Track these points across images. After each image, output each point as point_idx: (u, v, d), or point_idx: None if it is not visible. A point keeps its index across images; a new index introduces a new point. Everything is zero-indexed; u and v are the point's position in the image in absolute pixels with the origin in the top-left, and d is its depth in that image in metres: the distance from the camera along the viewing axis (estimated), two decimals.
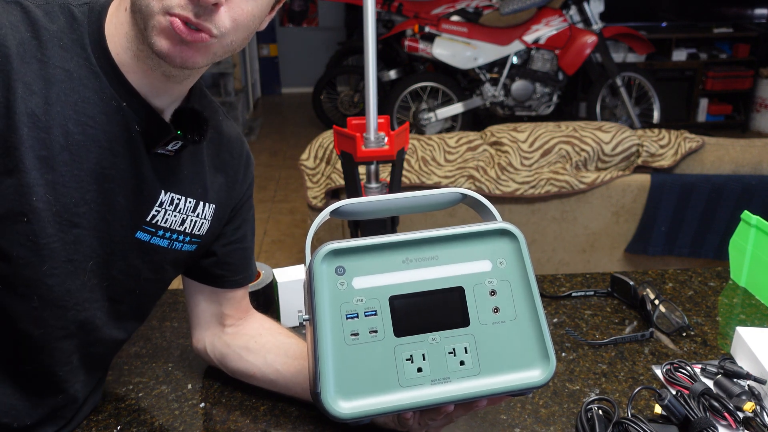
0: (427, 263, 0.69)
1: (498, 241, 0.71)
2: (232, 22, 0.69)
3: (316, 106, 5.52)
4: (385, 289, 0.68)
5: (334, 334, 0.66)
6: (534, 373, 0.67)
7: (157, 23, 0.67)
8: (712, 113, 5.68)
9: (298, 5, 6.84)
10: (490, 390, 0.67)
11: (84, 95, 0.72)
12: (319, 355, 0.65)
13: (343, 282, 0.67)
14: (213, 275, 0.94)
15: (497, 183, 2.36)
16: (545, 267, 2.51)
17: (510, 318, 0.69)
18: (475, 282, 0.69)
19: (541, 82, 4.62)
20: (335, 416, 0.64)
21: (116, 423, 0.89)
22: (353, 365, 0.65)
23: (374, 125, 1.54)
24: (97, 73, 0.72)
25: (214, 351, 0.97)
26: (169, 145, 0.78)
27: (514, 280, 0.70)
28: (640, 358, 1.03)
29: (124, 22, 0.73)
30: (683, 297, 1.23)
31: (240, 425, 0.89)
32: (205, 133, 0.81)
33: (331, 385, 0.64)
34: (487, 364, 0.67)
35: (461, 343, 0.67)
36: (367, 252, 0.68)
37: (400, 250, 0.69)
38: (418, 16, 4.77)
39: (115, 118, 0.74)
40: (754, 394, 0.90)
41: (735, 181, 2.32)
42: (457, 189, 0.78)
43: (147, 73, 0.74)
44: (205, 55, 0.71)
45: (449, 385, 0.66)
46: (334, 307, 0.66)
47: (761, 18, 5.64)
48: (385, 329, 0.67)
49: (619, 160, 2.41)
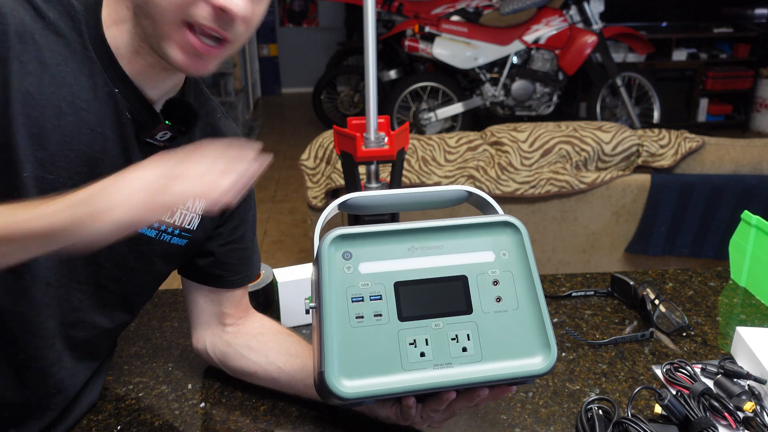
0: (432, 252, 0.71)
1: (501, 233, 0.72)
2: (245, 25, 0.72)
3: (316, 106, 5.52)
4: (390, 275, 0.69)
5: (339, 316, 0.67)
6: (535, 360, 0.68)
7: (173, 36, 0.69)
8: (712, 113, 5.68)
9: (298, 5, 6.84)
10: (491, 376, 0.67)
11: (78, 79, 0.73)
12: (324, 336, 0.66)
13: (350, 266, 0.69)
14: (211, 275, 0.94)
15: (497, 183, 2.36)
16: (545, 267, 2.51)
17: (512, 307, 0.70)
18: (478, 271, 0.71)
19: (541, 82, 4.62)
20: (338, 395, 0.65)
21: (116, 423, 0.89)
22: (357, 347, 0.67)
23: (374, 125, 1.54)
24: (92, 58, 0.73)
25: (214, 350, 0.97)
26: (157, 135, 0.79)
27: (516, 271, 0.71)
28: (640, 358, 1.03)
29: (126, 19, 0.74)
30: (683, 297, 1.23)
31: (240, 425, 0.89)
32: (193, 125, 0.81)
33: (335, 365, 0.66)
34: (488, 351, 0.68)
35: (464, 330, 0.69)
36: (374, 238, 0.70)
37: (406, 238, 0.71)
38: (418, 16, 4.78)
39: (107, 104, 0.75)
40: (754, 394, 0.90)
41: (735, 181, 2.32)
42: (462, 186, 0.79)
43: (145, 66, 0.75)
44: (217, 62, 0.73)
45: (451, 370, 0.67)
46: (341, 291, 0.68)
47: (761, 18, 5.64)
48: (389, 313, 0.68)
49: (619, 160, 2.41)
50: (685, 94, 5.53)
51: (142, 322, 1.14)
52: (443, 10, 4.87)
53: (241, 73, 5.82)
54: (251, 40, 6.40)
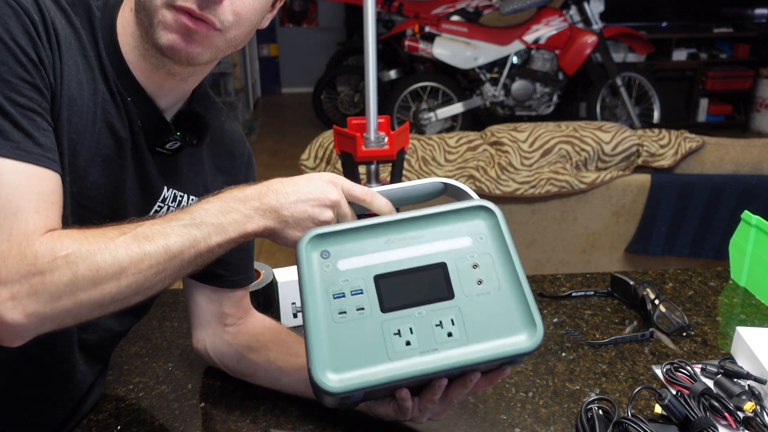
0: (410, 242, 0.71)
1: (476, 218, 0.73)
2: (235, 16, 0.71)
3: (316, 106, 5.52)
4: (369, 269, 0.70)
5: (322, 314, 0.68)
6: (521, 338, 0.68)
7: (162, 18, 0.69)
8: (712, 113, 5.68)
9: (298, 5, 6.84)
10: (478, 358, 0.67)
11: (100, 87, 0.74)
12: (308, 334, 0.67)
13: (329, 265, 0.70)
14: (213, 275, 0.94)
15: (497, 183, 2.36)
16: (545, 267, 2.51)
17: (494, 289, 0.70)
18: (457, 257, 0.71)
19: (541, 82, 4.62)
20: (326, 390, 0.65)
21: (116, 423, 0.89)
22: (343, 342, 0.67)
23: (374, 125, 1.54)
24: (107, 67, 0.74)
25: (215, 350, 0.97)
26: (167, 145, 0.79)
27: (495, 253, 0.72)
28: (640, 358, 1.03)
29: (130, 21, 0.75)
30: (683, 297, 1.23)
31: (240, 425, 0.89)
32: (204, 138, 0.82)
33: (321, 361, 0.66)
34: (474, 334, 0.68)
35: (447, 315, 0.69)
36: (350, 235, 0.71)
37: (383, 232, 0.72)
38: (418, 16, 4.78)
39: (122, 113, 0.76)
40: (754, 394, 0.90)
41: (735, 181, 2.32)
42: (438, 179, 0.80)
43: (152, 72, 0.76)
44: (209, 48, 0.72)
45: (437, 355, 0.67)
46: (321, 289, 0.69)
47: (761, 18, 5.64)
48: (371, 306, 0.69)
49: (619, 160, 2.41)
50: (685, 94, 5.53)
51: (142, 322, 1.13)
52: (443, 10, 4.87)
53: (241, 73, 5.83)
54: (251, 40, 6.39)
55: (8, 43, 0.63)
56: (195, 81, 0.81)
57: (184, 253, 0.67)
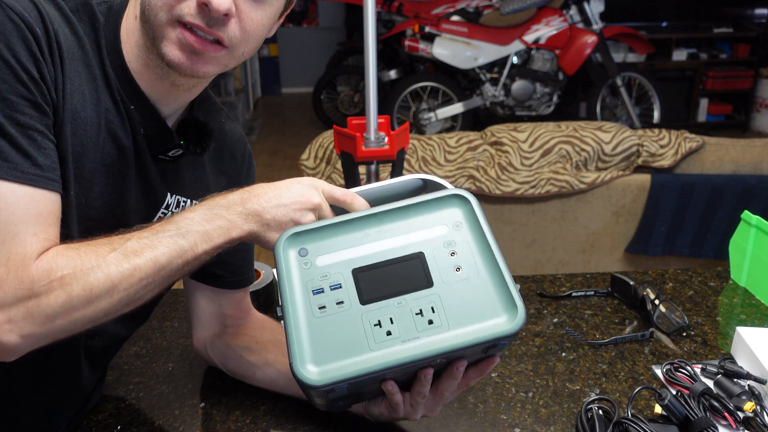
0: (387, 235, 0.72)
1: (452, 206, 0.74)
2: (243, 33, 0.71)
3: (316, 106, 5.52)
4: (347, 263, 0.71)
5: (302, 310, 0.68)
6: (501, 320, 0.68)
7: (168, 35, 0.69)
8: (712, 113, 5.68)
9: (298, 5, 6.84)
10: (460, 342, 0.67)
11: (104, 96, 0.73)
12: (288, 332, 0.67)
13: (307, 262, 0.71)
14: (213, 275, 0.94)
15: (497, 183, 2.36)
16: (545, 267, 2.51)
17: (473, 274, 0.70)
18: (434, 246, 0.72)
19: (542, 82, 4.62)
20: (308, 384, 0.65)
21: (116, 423, 0.89)
22: (323, 336, 0.67)
23: (374, 125, 1.54)
24: (110, 75, 0.74)
25: (214, 351, 0.97)
26: (170, 152, 0.79)
27: (472, 240, 0.72)
28: (640, 358, 1.03)
29: (134, 29, 0.74)
30: (683, 297, 1.23)
31: (240, 425, 0.89)
32: (207, 146, 0.82)
33: (302, 356, 0.66)
34: (455, 319, 0.68)
35: (427, 303, 0.69)
36: (328, 231, 0.72)
37: (360, 226, 0.72)
38: (418, 16, 4.78)
39: (125, 121, 0.75)
40: (755, 394, 0.90)
41: (735, 181, 2.32)
42: (417, 175, 0.81)
43: (156, 81, 0.75)
44: (216, 65, 0.73)
45: (419, 341, 0.67)
46: (300, 286, 0.70)
47: (761, 18, 5.63)
48: (350, 299, 0.69)
49: (620, 160, 2.41)
50: (685, 94, 5.53)
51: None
52: (443, 10, 4.87)
53: (241, 73, 5.82)
54: None
55: (9, 61, 0.63)
56: (198, 90, 0.81)
57: (172, 264, 0.68)
